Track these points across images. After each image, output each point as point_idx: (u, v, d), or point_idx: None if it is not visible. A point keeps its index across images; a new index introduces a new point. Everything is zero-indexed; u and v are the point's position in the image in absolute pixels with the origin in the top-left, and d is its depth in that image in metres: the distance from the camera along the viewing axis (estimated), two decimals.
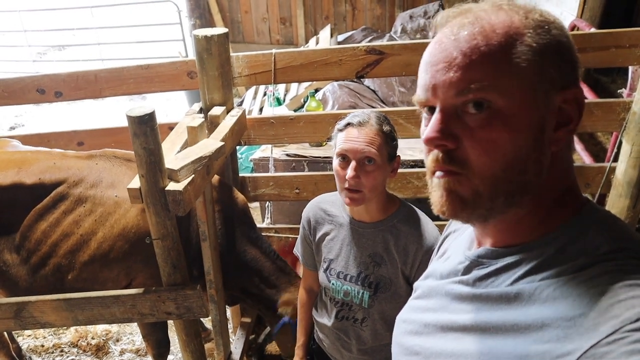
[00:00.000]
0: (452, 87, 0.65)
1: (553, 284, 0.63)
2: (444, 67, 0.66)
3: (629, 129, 2.16)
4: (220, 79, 2.08)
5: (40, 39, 8.32)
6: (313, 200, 1.68)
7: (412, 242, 1.46)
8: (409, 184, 2.37)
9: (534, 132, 0.65)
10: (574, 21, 3.74)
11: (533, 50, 0.63)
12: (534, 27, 0.64)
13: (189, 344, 2.01)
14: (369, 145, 1.35)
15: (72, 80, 2.40)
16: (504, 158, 0.65)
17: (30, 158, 2.10)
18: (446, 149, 0.67)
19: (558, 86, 0.65)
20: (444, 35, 0.68)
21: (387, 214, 1.50)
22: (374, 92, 3.94)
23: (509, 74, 0.63)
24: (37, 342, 2.99)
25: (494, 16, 0.66)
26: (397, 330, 0.91)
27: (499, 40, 0.64)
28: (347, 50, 2.16)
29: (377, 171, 1.38)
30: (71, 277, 2.03)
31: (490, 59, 0.63)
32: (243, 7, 7.01)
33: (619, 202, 2.26)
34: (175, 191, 1.60)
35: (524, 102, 0.64)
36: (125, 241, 2.01)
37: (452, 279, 0.80)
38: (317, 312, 1.72)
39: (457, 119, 0.66)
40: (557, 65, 0.65)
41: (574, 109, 0.66)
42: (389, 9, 6.66)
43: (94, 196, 2.03)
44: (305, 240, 1.69)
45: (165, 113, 6.23)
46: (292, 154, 2.91)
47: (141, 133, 1.53)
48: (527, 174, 0.66)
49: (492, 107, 0.64)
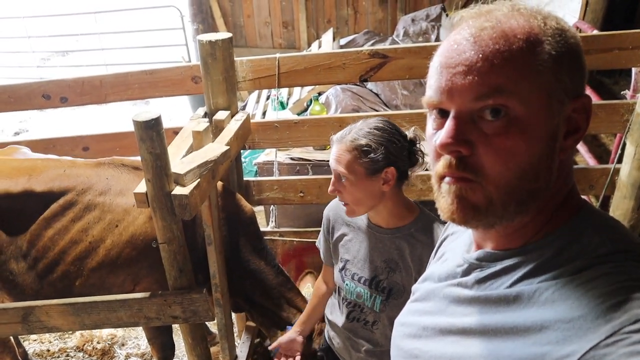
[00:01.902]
0: (471, 91, 0.63)
1: (552, 286, 0.63)
2: (464, 70, 0.64)
3: (633, 130, 2.16)
4: (224, 83, 2.09)
5: (44, 44, 8.36)
6: (334, 200, 1.69)
7: (427, 253, 1.43)
8: (412, 187, 2.37)
9: (548, 140, 0.64)
10: (576, 23, 3.75)
11: (552, 58, 0.62)
12: (552, 35, 0.64)
13: (195, 347, 2.01)
14: (338, 163, 1.40)
15: (78, 85, 2.42)
16: (519, 166, 0.64)
17: (41, 165, 2.12)
18: (460, 155, 0.66)
19: (571, 95, 0.65)
20: (462, 37, 0.65)
21: (404, 222, 1.49)
22: (377, 95, 3.95)
23: (529, 81, 0.62)
24: (42, 347, 3.00)
25: (514, 20, 0.64)
26: (396, 333, 0.91)
27: (521, 46, 0.62)
28: (350, 54, 2.17)
29: (352, 187, 1.40)
30: (79, 284, 2.04)
31: (512, 64, 0.62)
32: (245, 12, 7.03)
33: (623, 204, 2.26)
34: (181, 195, 1.61)
35: (541, 110, 0.63)
36: (133, 248, 2.03)
37: (451, 281, 0.80)
38: (329, 310, 1.73)
39: (473, 125, 0.65)
40: (572, 74, 0.65)
41: (582, 117, 0.67)
42: (391, 12, 6.67)
43: (103, 203, 2.04)
44: (324, 237, 1.72)
45: (169, 117, 6.25)
46: (296, 157, 2.92)
47: (147, 138, 1.54)
48: (538, 181, 0.66)
49: (509, 114, 0.63)
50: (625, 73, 4.79)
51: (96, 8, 7.59)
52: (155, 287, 2.05)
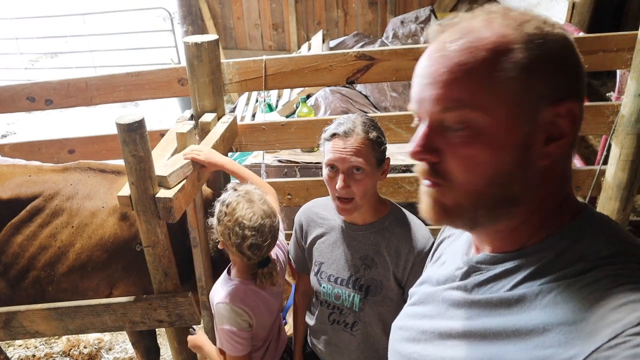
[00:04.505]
0: (436, 103, 0.66)
1: (554, 289, 0.63)
2: (430, 82, 0.66)
3: (618, 132, 2.18)
4: (210, 85, 2.08)
5: (33, 46, 8.29)
6: (305, 205, 1.70)
7: (404, 244, 1.47)
8: (400, 189, 2.37)
9: (517, 149, 0.64)
10: (563, 26, 3.77)
11: (519, 66, 0.62)
12: (525, 41, 0.63)
13: (181, 352, 2.00)
14: (356, 155, 1.37)
15: (63, 88, 2.39)
16: (485, 174, 0.65)
17: (6, 172, 2.10)
18: (430, 161, 0.68)
19: (549, 101, 0.63)
20: (434, 49, 0.67)
21: (378, 217, 1.51)
22: (366, 97, 3.95)
23: (493, 92, 0.63)
24: (28, 352, 2.96)
25: (485, 30, 0.64)
26: (394, 337, 0.91)
27: (483, 57, 0.63)
28: (337, 56, 2.17)
29: (367, 178, 1.39)
30: (51, 289, 2.02)
31: (472, 77, 0.63)
32: (235, 14, 7.02)
33: (608, 205, 2.28)
34: (165, 198, 1.60)
35: (507, 120, 0.63)
36: (104, 250, 2.01)
37: (450, 285, 0.80)
38: (309, 316, 1.72)
39: (441, 134, 0.67)
40: (549, 79, 0.63)
41: (567, 123, 0.64)
42: (381, 14, 6.68)
43: (70, 208, 2.02)
44: (297, 244, 1.70)
45: (159, 120, 6.21)
46: (284, 160, 2.92)
47: (130, 141, 1.53)
48: (511, 189, 0.66)
49: (473, 125, 0.64)
50: (612, 75, 4.83)
51: (85, 9, 7.53)
52: (134, 289, 2.03)
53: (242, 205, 1.47)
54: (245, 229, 1.44)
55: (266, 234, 1.48)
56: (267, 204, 1.52)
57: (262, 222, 1.47)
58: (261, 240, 1.46)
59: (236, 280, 1.58)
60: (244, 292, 1.55)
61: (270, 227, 1.49)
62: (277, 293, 1.68)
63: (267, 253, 1.55)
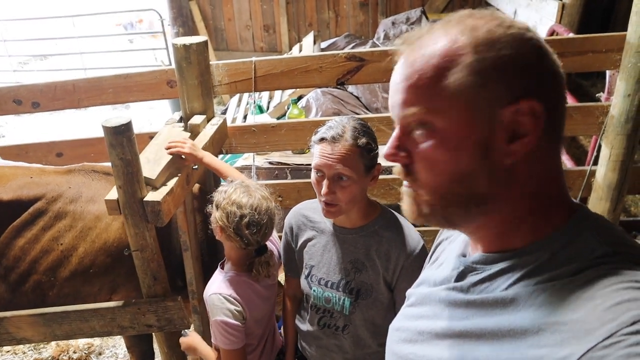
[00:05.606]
0: (400, 107, 0.71)
1: (549, 288, 0.63)
2: (395, 89, 0.72)
3: (608, 132, 2.18)
4: (199, 87, 2.07)
5: (22, 48, 8.21)
6: (295, 207, 1.69)
7: (394, 248, 1.46)
8: (392, 190, 2.37)
9: (476, 148, 0.67)
10: (553, 26, 3.78)
11: (470, 70, 0.65)
12: (474, 45, 0.65)
13: (172, 357, 1.98)
14: (341, 162, 1.35)
15: (50, 90, 2.36)
16: (445, 174, 0.69)
17: (8, 173, 2.06)
18: (403, 163, 0.73)
19: (505, 100, 0.65)
20: (401, 57, 0.73)
21: (368, 220, 1.50)
22: (357, 98, 3.94)
23: (442, 96, 0.67)
24: (16, 358, 2.92)
25: (441, 37, 0.68)
26: (391, 338, 0.91)
27: (434, 63, 0.67)
28: (327, 57, 2.16)
29: (352, 185, 1.38)
30: (52, 294, 1.99)
31: (426, 82, 0.68)
32: (226, 15, 7.00)
33: (599, 205, 2.28)
34: (153, 202, 1.58)
35: (460, 122, 0.67)
36: (107, 255, 1.98)
37: (446, 285, 0.80)
38: (299, 320, 1.70)
39: (409, 137, 0.72)
40: (504, 79, 0.65)
41: (529, 121, 0.65)
42: (372, 15, 6.69)
43: (74, 211, 1.99)
44: (287, 247, 1.69)
45: (150, 122, 6.18)
46: (275, 162, 2.90)
47: (117, 144, 1.51)
48: (475, 187, 0.69)
49: (430, 128, 0.69)
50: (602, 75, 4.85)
51: (74, 12, 7.48)
52: (134, 294, 2.01)
53: (240, 190, 1.53)
54: (243, 207, 1.49)
55: (263, 214, 1.51)
56: (264, 192, 1.57)
57: (259, 203, 1.52)
58: (258, 218, 1.49)
59: (230, 272, 1.60)
60: (237, 283, 1.57)
61: (267, 208, 1.54)
62: (271, 286, 1.69)
63: (265, 238, 1.57)
